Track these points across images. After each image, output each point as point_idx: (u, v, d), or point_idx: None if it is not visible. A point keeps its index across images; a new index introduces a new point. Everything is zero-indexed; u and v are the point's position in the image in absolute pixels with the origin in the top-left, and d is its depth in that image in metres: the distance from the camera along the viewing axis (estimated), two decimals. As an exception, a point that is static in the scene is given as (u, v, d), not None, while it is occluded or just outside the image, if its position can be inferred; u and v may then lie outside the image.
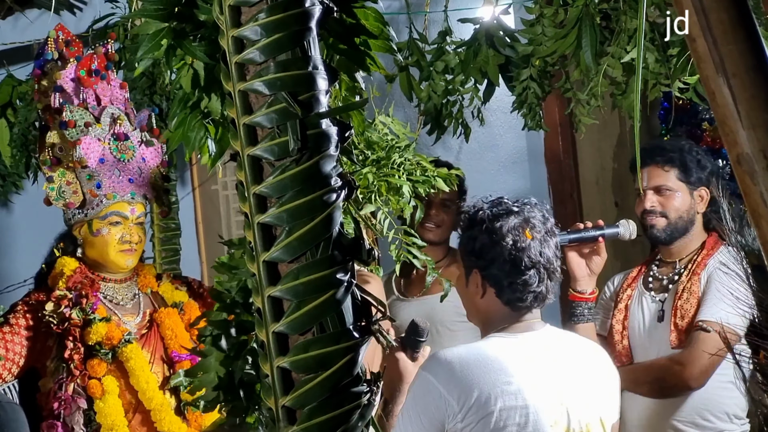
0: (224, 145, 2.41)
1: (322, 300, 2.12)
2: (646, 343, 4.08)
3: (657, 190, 4.11)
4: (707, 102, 4.36)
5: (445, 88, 4.74)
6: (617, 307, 4.18)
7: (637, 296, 4.17)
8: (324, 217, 2.11)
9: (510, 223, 3.11)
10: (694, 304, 3.95)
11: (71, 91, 3.96)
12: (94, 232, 3.92)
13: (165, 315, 4.00)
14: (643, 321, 4.12)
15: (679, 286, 4.02)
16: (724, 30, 1.44)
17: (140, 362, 3.87)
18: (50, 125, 3.94)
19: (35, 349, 3.83)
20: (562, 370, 3.12)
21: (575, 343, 3.28)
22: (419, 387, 3.06)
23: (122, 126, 3.96)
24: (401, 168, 3.79)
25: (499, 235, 3.11)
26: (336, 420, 2.13)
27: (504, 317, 3.15)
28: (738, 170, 1.45)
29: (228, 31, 2.11)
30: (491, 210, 3.15)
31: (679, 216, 4.09)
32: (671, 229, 4.09)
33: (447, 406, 3.01)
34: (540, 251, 3.10)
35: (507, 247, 3.09)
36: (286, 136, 2.10)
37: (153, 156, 4.05)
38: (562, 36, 4.22)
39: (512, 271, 3.10)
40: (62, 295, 3.84)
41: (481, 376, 3.01)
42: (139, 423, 3.90)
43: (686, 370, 3.90)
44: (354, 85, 2.51)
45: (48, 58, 4.04)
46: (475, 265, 3.16)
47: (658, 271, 4.19)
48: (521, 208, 3.15)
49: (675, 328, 3.98)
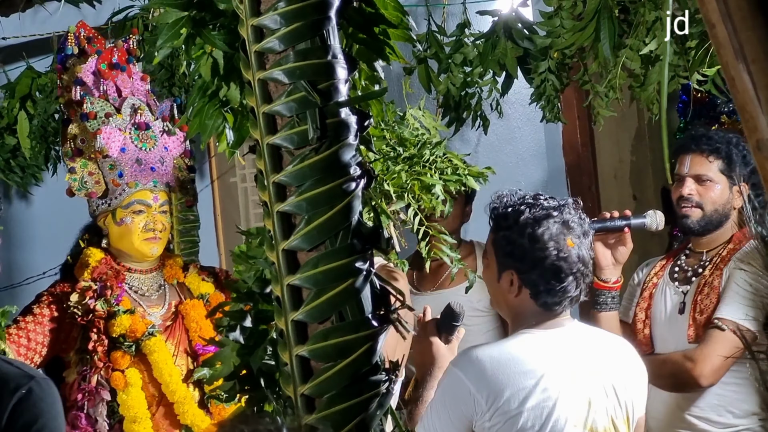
0: (243, 134, 2.41)
1: (341, 288, 2.13)
2: (666, 334, 4.06)
3: (697, 178, 4.06)
4: (726, 94, 4.37)
5: (463, 80, 4.74)
6: (642, 295, 4.16)
7: (662, 286, 4.14)
8: (343, 206, 2.12)
9: (552, 229, 3.09)
10: (713, 300, 3.93)
11: (92, 83, 3.98)
12: (118, 221, 3.93)
13: (190, 307, 4.00)
14: (665, 311, 4.10)
15: (701, 280, 4.00)
16: (743, 16, 1.43)
17: (164, 355, 3.87)
18: (72, 118, 3.96)
19: (58, 340, 3.84)
20: (590, 367, 3.11)
21: (602, 339, 3.27)
22: (449, 383, 3.06)
23: (143, 116, 3.97)
24: (433, 166, 3.78)
25: (541, 243, 3.08)
26: (355, 408, 2.14)
27: (535, 315, 3.15)
28: (758, 156, 1.45)
29: (248, 20, 2.12)
30: (531, 212, 3.13)
31: (714, 209, 4.05)
32: (705, 221, 4.05)
33: (476, 405, 3.01)
34: (578, 255, 3.10)
35: (550, 255, 3.08)
36: (305, 124, 2.11)
37: (175, 145, 4.05)
38: (581, 28, 4.21)
39: (552, 278, 3.09)
40: (87, 287, 3.85)
41: (512, 376, 3.01)
42: (162, 416, 3.90)
43: (697, 367, 3.88)
44: (373, 75, 2.51)
45: (68, 53, 4.06)
46: (512, 266, 3.14)
47: (685, 262, 4.16)
48: (560, 210, 3.14)
49: (693, 323, 3.96)
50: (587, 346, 3.17)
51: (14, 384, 2.51)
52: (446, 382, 3.07)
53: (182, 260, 4.19)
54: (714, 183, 4.05)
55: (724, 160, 4.06)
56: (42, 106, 5.60)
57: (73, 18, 5.50)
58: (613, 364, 3.19)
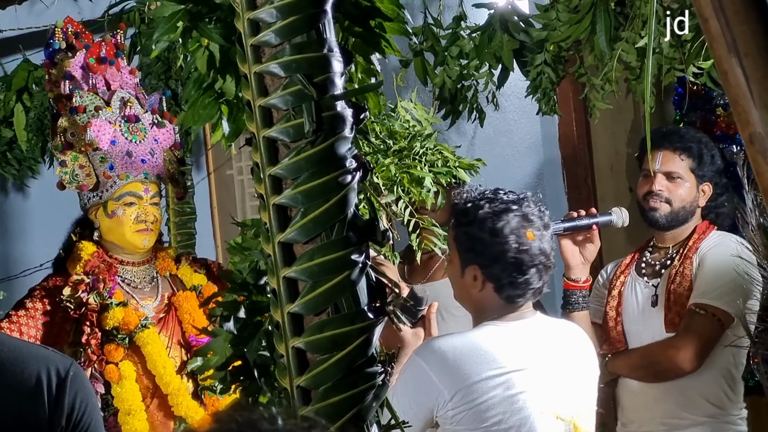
0: (239, 126, 2.42)
1: (336, 281, 2.14)
2: (640, 328, 4.09)
3: (668, 175, 4.10)
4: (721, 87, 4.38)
5: (459, 73, 4.74)
6: (611, 294, 4.18)
7: (631, 282, 4.18)
8: (339, 199, 2.13)
9: (512, 223, 3.12)
10: (687, 288, 3.97)
11: (80, 77, 3.99)
12: (110, 213, 3.93)
13: (183, 298, 4.01)
14: (637, 306, 4.13)
15: (672, 270, 4.03)
16: (737, 10, 1.44)
17: (157, 347, 3.88)
18: (62, 112, 3.97)
19: (51, 334, 3.84)
20: (552, 358, 3.16)
21: (564, 330, 3.33)
22: (411, 372, 3.09)
23: (132, 108, 3.98)
24: (423, 159, 3.79)
25: (501, 236, 3.12)
26: (350, 400, 2.15)
27: (499, 308, 3.18)
28: (750, 150, 1.46)
29: (244, 14, 2.13)
30: (491, 207, 3.16)
31: (682, 206, 4.09)
32: (672, 217, 4.09)
33: (438, 394, 3.04)
34: (540, 248, 3.13)
35: (510, 249, 3.11)
36: (301, 117, 2.11)
37: (165, 137, 4.06)
38: (577, 21, 4.22)
39: (515, 271, 3.12)
40: (79, 280, 3.86)
41: (473, 366, 3.04)
42: (156, 407, 3.91)
43: (680, 353, 3.91)
44: (370, 68, 2.52)
45: (56, 48, 4.07)
46: (474, 261, 3.17)
47: (651, 257, 4.19)
48: (519, 203, 3.16)
49: (669, 312, 4.00)
50: (550, 337, 3.22)
51: (62, 366, 2.66)
52: (408, 371, 3.10)
53: (174, 252, 4.20)
54: (683, 180, 4.09)
55: (695, 159, 4.10)
56: (38, 98, 5.60)
57: (70, 10, 5.51)
58: (575, 354, 3.25)
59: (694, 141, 4.13)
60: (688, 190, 4.09)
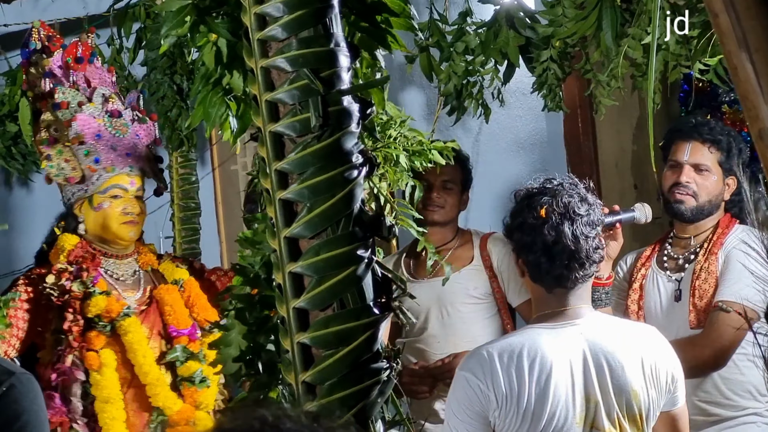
0: (246, 122, 2.42)
1: (342, 276, 2.14)
2: (663, 323, 4.05)
3: (696, 167, 4.07)
4: (728, 84, 4.37)
5: (465, 68, 4.73)
6: (632, 287, 4.16)
7: (652, 276, 4.15)
8: (345, 194, 2.12)
9: (527, 203, 3.12)
10: (712, 284, 3.94)
11: (61, 75, 4.03)
12: (96, 206, 3.96)
13: (165, 291, 4.05)
14: (660, 301, 4.10)
15: (696, 266, 4.01)
16: (747, 6, 1.44)
17: (138, 336, 3.90)
18: (43, 109, 3.99)
19: (36, 323, 3.87)
20: (596, 364, 3.10)
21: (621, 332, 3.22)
22: (459, 386, 3.10)
23: (114, 104, 4.02)
24: (397, 141, 3.81)
25: (518, 218, 3.13)
26: (356, 395, 2.15)
27: (544, 300, 3.16)
28: (760, 145, 1.45)
29: (251, 8, 2.12)
30: (519, 194, 3.17)
31: (708, 199, 4.05)
32: (697, 211, 4.05)
33: (487, 401, 3.04)
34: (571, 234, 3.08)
35: (524, 229, 3.11)
36: (307, 112, 2.11)
37: (146, 134, 4.11)
38: (583, 17, 4.21)
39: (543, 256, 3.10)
40: (63, 268, 3.88)
41: (515, 371, 3.03)
42: (132, 398, 3.93)
43: (706, 351, 3.88)
44: (375, 63, 2.51)
45: (32, 47, 4.09)
46: (519, 253, 3.18)
47: (673, 250, 4.16)
48: (543, 188, 3.15)
49: (694, 308, 3.97)
50: (599, 344, 3.12)
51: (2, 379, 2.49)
52: (456, 388, 3.11)
53: (155, 248, 4.23)
54: (711, 173, 4.06)
55: (723, 152, 4.07)
56: (44, 93, 5.60)
57: (74, 5, 5.51)
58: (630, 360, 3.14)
59: (724, 134, 4.10)
60: (715, 183, 4.06)
